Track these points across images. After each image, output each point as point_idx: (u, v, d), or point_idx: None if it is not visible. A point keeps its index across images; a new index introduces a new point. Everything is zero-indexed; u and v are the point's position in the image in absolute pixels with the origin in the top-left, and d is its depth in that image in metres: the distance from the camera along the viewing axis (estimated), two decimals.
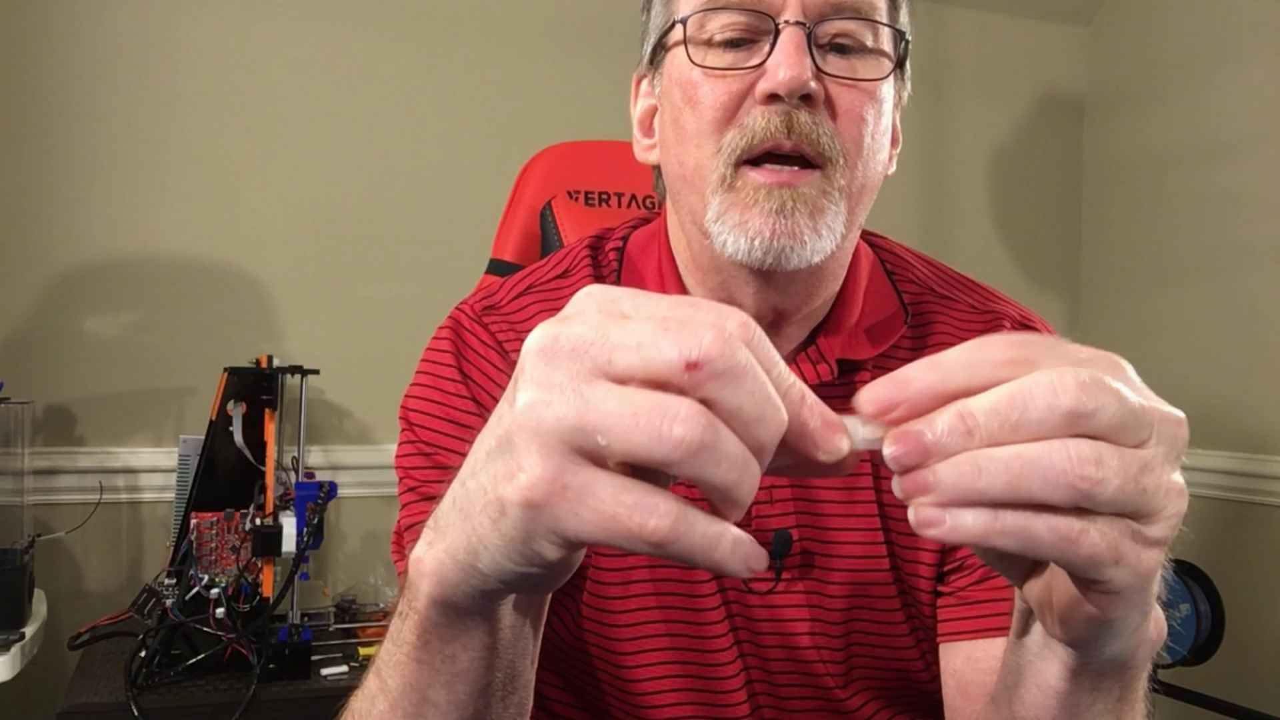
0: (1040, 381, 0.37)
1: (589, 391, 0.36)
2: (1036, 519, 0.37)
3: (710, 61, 0.67)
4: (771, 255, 0.65)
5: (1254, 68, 2.17)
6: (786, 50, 0.65)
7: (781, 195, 0.65)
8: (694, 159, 0.69)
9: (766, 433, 0.36)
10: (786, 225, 0.65)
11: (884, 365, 0.75)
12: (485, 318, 0.77)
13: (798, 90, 0.64)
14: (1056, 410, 0.37)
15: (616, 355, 0.36)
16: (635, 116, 0.79)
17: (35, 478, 1.74)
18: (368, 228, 2.04)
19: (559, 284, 0.78)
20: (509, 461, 0.37)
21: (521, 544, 0.38)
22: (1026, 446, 0.37)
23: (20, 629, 1.48)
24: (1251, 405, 2.16)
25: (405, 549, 0.71)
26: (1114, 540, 0.38)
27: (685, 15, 0.69)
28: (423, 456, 0.74)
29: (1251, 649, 2.12)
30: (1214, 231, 2.23)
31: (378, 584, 1.95)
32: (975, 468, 0.37)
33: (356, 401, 2.03)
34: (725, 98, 0.67)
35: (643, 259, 0.78)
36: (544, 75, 2.16)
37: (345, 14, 2.04)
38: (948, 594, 0.74)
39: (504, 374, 0.73)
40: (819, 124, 0.66)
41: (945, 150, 2.44)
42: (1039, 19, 2.54)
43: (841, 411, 0.41)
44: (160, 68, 1.93)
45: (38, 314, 1.86)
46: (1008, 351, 0.39)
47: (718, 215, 0.67)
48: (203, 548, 1.57)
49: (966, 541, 0.38)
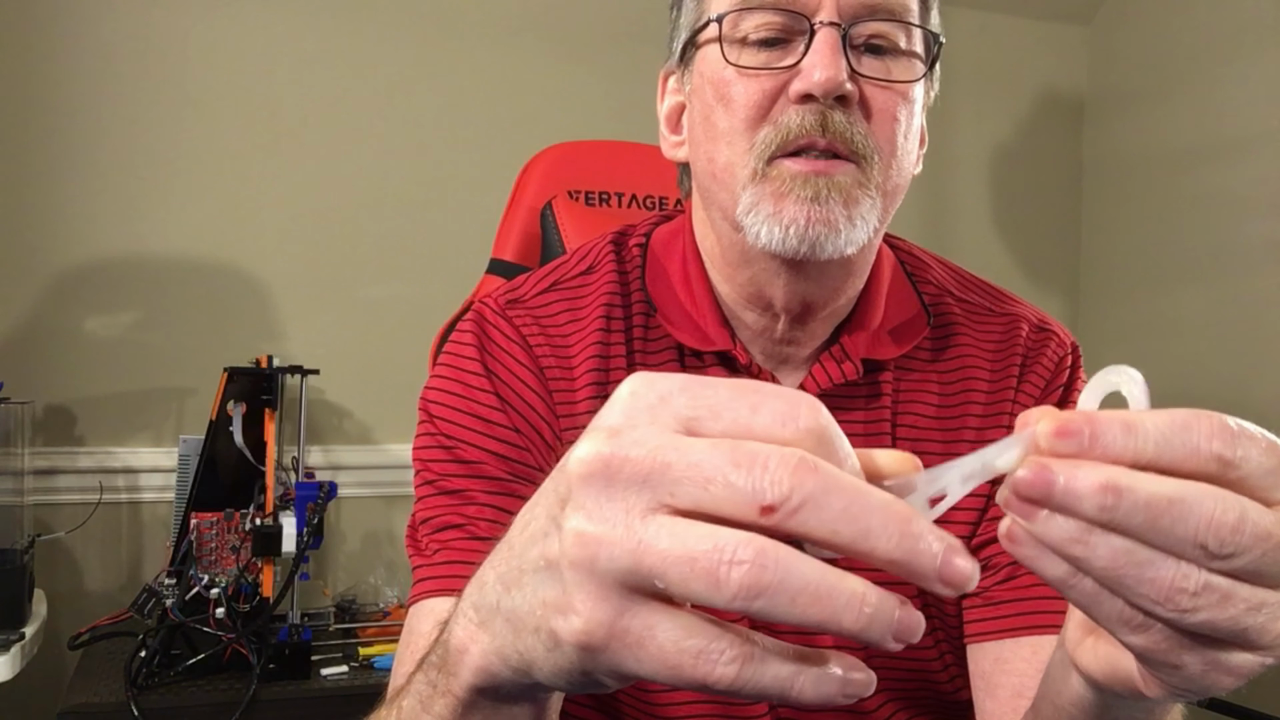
0: (1205, 505, 0.33)
1: (644, 530, 0.32)
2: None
3: (744, 60, 0.67)
4: (806, 243, 0.65)
5: (1254, 67, 2.17)
6: (822, 51, 0.65)
7: (817, 183, 0.65)
8: (725, 156, 0.69)
9: (869, 542, 0.32)
10: (821, 213, 0.65)
11: (905, 366, 0.76)
12: (509, 311, 0.76)
13: (833, 91, 0.65)
14: (1197, 544, 0.33)
15: (679, 489, 0.32)
16: (662, 113, 0.78)
17: (35, 478, 1.74)
18: (368, 228, 2.04)
19: (584, 280, 0.78)
20: (560, 594, 0.34)
21: (580, 675, 0.36)
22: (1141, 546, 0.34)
23: (20, 629, 1.48)
24: (1251, 405, 2.16)
25: (421, 542, 0.71)
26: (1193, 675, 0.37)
27: (720, 14, 0.68)
28: (443, 449, 0.72)
29: None
30: (1214, 231, 2.23)
31: (378, 584, 1.95)
32: (1085, 541, 0.34)
33: (356, 401, 2.03)
34: (759, 96, 0.67)
35: (666, 255, 0.78)
36: (544, 75, 2.15)
37: (346, 14, 2.04)
38: (973, 595, 0.73)
39: (527, 369, 0.73)
40: (853, 124, 0.66)
41: (945, 150, 2.44)
42: (1039, 19, 2.54)
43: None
44: (161, 68, 1.93)
45: (38, 314, 1.86)
46: (1216, 446, 0.34)
47: (749, 207, 0.67)
48: (203, 548, 1.57)
49: (1045, 578, 0.36)
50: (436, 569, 0.68)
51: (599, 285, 0.76)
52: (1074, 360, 0.79)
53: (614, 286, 0.76)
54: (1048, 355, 0.77)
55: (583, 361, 0.73)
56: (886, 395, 0.74)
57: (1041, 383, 0.76)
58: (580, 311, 0.75)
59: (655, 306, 0.75)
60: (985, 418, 0.75)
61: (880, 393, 0.74)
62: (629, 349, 0.74)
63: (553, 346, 0.74)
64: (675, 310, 0.75)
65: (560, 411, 0.72)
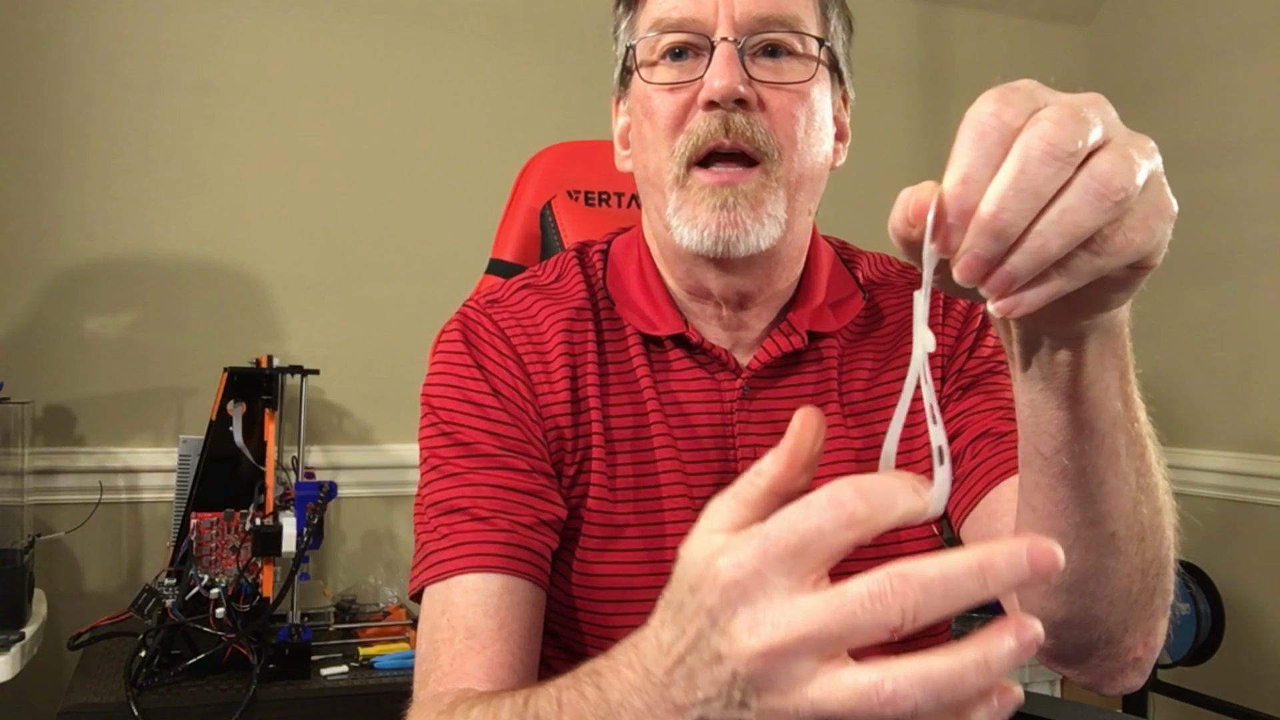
0: (1033, 145, 0.42)
1: (813, 691, 0.38)
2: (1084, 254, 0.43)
3: (659, 78, 0.79)
4: (720, 244, 0.76)
5: (1254, 68, 2.17)
6: (719, 63, 0.75)
7: (724, 193, 0.76)
8: (654, 162, 0.80)
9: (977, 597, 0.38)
10: (730, 218, 0.75)
11: (846, 336, 0.86)
12: (489, 309, 0.85)
13: (730, 96, 0.75)
14: (1059, 159, 0.41)
15: (827, 646, 0.38)
16: (616, 133, 0.90)
17: (35, 478, 1.74)
18: (368, 228, 2.04)
19: (554, 287, 0.87)
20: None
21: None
22: (1062, 204, 0.42)
23: (20, 629, 1.48)
24: (1251, 405, 2.16)
25: (430, 524, 0.78)
26: (1148, 221, 0.44)
27: (633, 41, 0.81)
28: (443, 435, 0.80)
29: (1251, 649, 2.12)
30: (1213, 231, 2.23)
31: (378, 584, 1.95)
32: (1040, 241, 0.42)
33: (356, 401, 2.03)
34: (674, 108, 0.78)
35: (624, 260, 0.88)
36: (544, 75, 2.16)
37: (346, 14, 2.04)
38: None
39: (507, 358, 0.82)
40: (754, 123, 0.76)
41: (945, 150, 2.43)
42: (1039, 19, 2.54)
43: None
44: (161, 68, 1.93)
45: (38, 314, 1.86)
46: (992, 107, 0.45)
47: (674, 210, 0.78)
48: (203, 548, 1.57)
49: (1049, 299, 0.43)
50: (452, 550, 0.76)
51: (568, 287, 0.87)
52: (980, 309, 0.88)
53: (581, 288, 0.86)
54: (958, 302, 0.87)
55: (555, 348, 0.83)
56: (831, 361, 0.84)
57: (958, 320, 0.86)
58: (552, 306, 0.85)
59: (614, 301, 0.85)
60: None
61: (824, 359, 0.84)
62: (598, 339, 0.84)
63: (528, 336, 0.83)
64: (633, 304, 0.85)
65: (539, 391, 0.82)
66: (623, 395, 0.82)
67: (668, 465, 0.80)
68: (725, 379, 0.82)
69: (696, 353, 0.83)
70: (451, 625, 0.72)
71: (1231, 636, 1.98)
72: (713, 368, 0.83)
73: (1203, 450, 2.23)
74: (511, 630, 0.73)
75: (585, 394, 0.81)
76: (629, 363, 0.83)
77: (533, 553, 0.76)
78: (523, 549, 0.75)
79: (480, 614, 0.72)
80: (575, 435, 0.81)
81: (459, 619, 0.72)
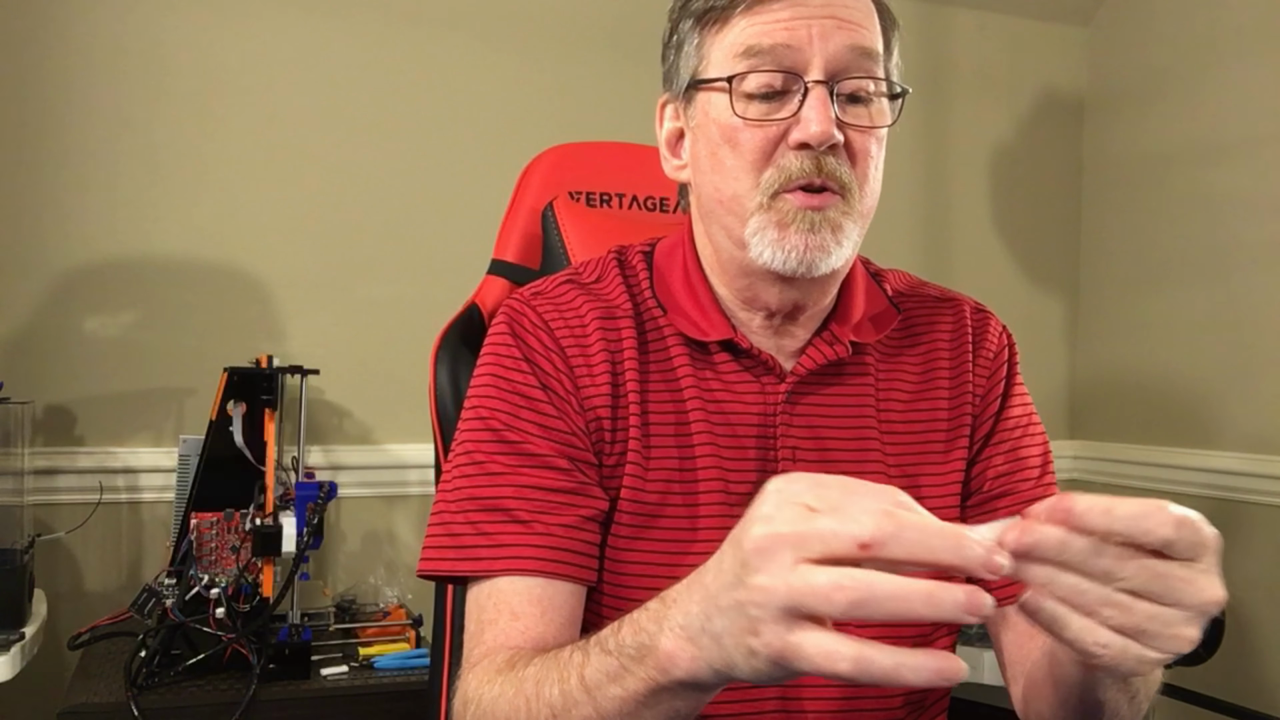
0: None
1: (793, 578, 0.49)
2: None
3: (751, 113, 0.81)
4: (804, 265, 0.80)
5: (1254, 68, 2.17)
6: (816, 107, 0.78)
7: (813, 217, 0.80)
8: (732, 189, 0.82)
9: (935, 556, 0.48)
10: (818, 240, 0.80)
11: (882, 350, 0.92)
12: (534, 300, 0.89)
13: (827, 141, 0.79)
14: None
15: (812, 547, 0.49)
16: (662, 137, 0.91)
17: (35, 478, 1.74)
18: (368, 228, 2.04)
19: (596, 286, 0.91)
20: (749, 623, 0.51)
21: (766, 673, 0.53)
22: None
23: (20, 629, 1.48)
24: (1251, 405, 2.16)
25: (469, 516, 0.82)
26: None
27: (729, 74, 0.81)
28: (489, 430, 0.84)
29: (1251, 649, 2.12)
30: (1214, 231, 2.23)
31: (378, 584, 1.95)
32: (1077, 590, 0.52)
33: (356, 401, 2.03)
34: (763, 143, 0.81)
35: (669, 265, 0.91)
36: (545, 75, 2.16)
37: (347, 14, 2.04)
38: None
39: (551, 350, 0.86)
40: (841, 165, 0.80)
41: (945, 150, 2.44)
42: (1039, 19, 2.54)
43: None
44: (161, 68, 1.93)
45: (38, 314, 1.86)
46: (1169, 531, 0.52)
47: (755, 231, 0.81)
48: (203, 548, 1.57)
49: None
50: (493, 550, 0.80)
51: (608, 288, 0.91)
52: (1009, 341, 0.96)
53: (622, 289, 0.90)
54: (990, 336, 0.94)
55: (595, 341, 0.86)
56: (870, 374, 0.90)
57: (988, 363, 0.93)
58: (593, 302, 0.89)
59: (665, 308, 0.89)
60: (952, 390, 0.92)
61: (866, 372, 0.90)
62: (639, 337, 0.87)
63: (570, 329, 0.87)
64: (681, 309, 0.88)
65: (581, 384, 0.85)
66: (663, 391, 0.86)
67: (707, 461, 0.84)
68: (770, 383, 0.87)
69: (743, 357, 0.87)
70: (497, 608, 0.79)
71: (1231, 636, 1.98)
72: (758, 371, 0.87)
73: (1203, 450, 2.23)
74: (552, 617, 0.79)
75: (625, 388, 0.85)
76: (669, 362, 0.87)
77: (574, 553, 0.80)
78: (564, 550, 0.80)
79: (524, 601, 0.78)
80: (614, 427, 0.85)
81: (504, 604, 0.79)
